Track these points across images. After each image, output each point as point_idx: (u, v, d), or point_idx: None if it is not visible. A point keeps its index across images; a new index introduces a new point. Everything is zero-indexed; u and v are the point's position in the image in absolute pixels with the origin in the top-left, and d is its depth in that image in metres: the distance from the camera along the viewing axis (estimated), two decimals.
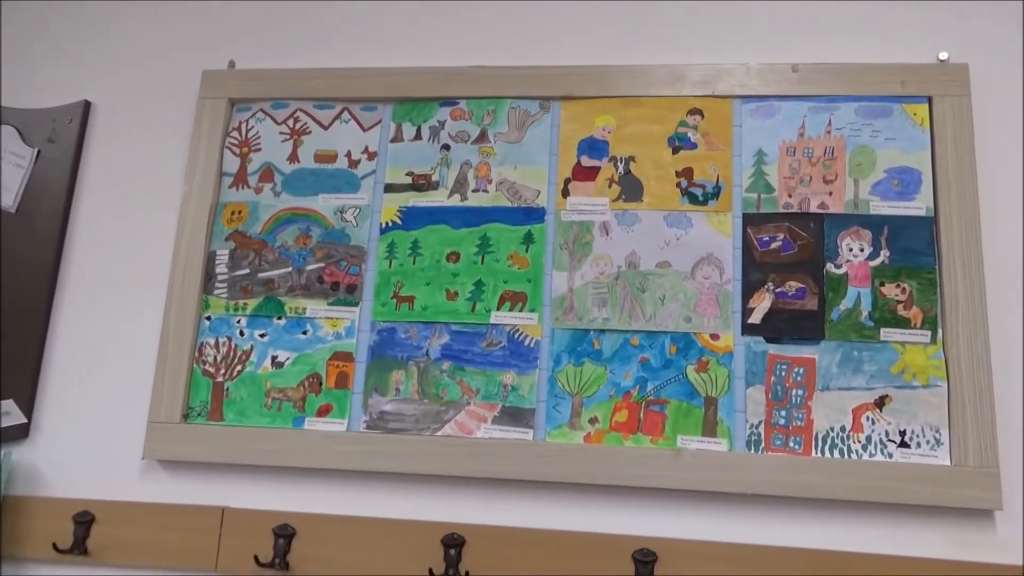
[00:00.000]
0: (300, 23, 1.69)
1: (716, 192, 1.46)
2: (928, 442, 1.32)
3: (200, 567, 1.42)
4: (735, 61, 1.51)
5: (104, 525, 1.46)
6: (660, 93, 1.51)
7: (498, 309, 1.46)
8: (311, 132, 1.60)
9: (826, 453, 1.33)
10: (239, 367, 1.51)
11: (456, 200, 1.52)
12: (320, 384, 1.48)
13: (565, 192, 1.50)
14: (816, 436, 1.34)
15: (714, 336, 1.40)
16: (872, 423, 1.33)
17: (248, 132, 1.62)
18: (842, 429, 1.34)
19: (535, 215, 1.50)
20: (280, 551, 1.38)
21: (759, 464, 1.33)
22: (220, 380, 1.50)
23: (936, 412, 1.32)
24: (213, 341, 1.52)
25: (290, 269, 1.54)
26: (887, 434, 1.33)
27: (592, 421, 1.39)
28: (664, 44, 1.56)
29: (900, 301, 1.37)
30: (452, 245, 1.50)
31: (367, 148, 1.58)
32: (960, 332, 1.34)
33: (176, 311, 1.53)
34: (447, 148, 1.55)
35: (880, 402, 1.34)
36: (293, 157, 1.59)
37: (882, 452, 1.32)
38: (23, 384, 1.56)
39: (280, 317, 1.52)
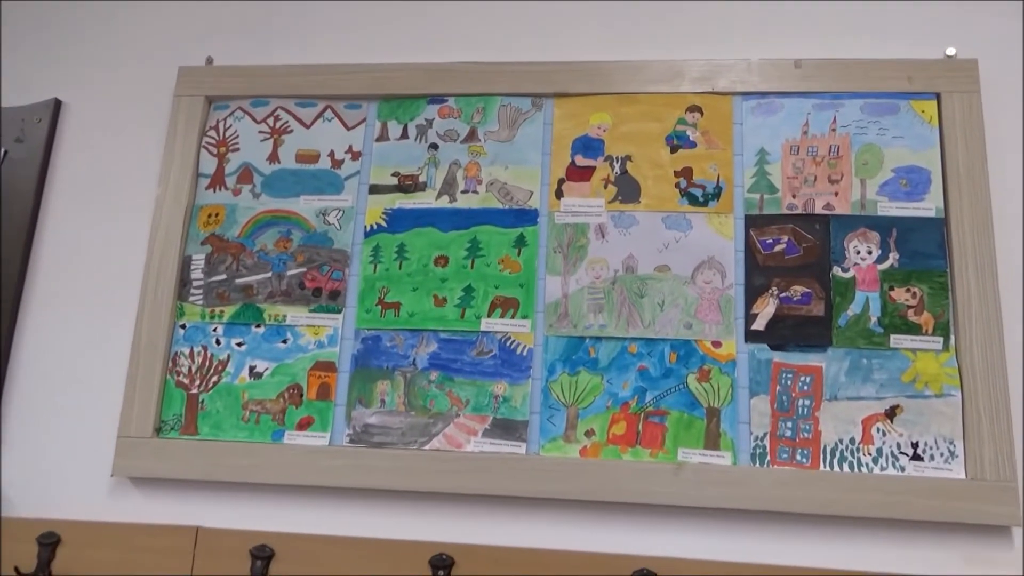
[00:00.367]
0: (281, 18, 1.67)
1: (717, 193, 1.43)
2: (942, 454, 1.29)
3: None
4: (735, 56, 1.50)
5: (70, 547, 1.42)
6: (657, 89, 1.49)
7: (489, 316, 1.43)
8: (292, 131, 1.57)
9: (835, 467, 1.30)
10: (215, 378, 1.47)
11: (444, 202, 1.50)
12: (301, 396, 1.44)
13: (559, 193, 1.47)
14: (824, 449, 1.31)
15: (716, 343, 1.37)
16: (883, 435, 1.30)
17: (226, 131, 1.59)
18: (851, 441, 1.31)
19: (527, 217, 1.47)
20: (258, 573, 1.36)
21: (765, 479, 1.30)
22: (195, 392, 1.47)
23: (950, 423, 1.29)
24: (188, 351, 1.48)
25: (270, 274, 1.50)
26: (899, 446, 1.30)
27: (588, 434, 1.36)
28: (661, 39, 1.55)
29: (910, 306, 1.34)
30: (440, 249, 1.47)
31: (351, 148, 1.55)
32: (974, 338, 1.31)
33: (148, 319, 1.49)
34: (435, 147, 1.53)
35: (891, 412, 1.31)
36: (273, 157, 1.56)
37: (894, 465, 1.29)
38: None
39: (259, 325, 1.48)
